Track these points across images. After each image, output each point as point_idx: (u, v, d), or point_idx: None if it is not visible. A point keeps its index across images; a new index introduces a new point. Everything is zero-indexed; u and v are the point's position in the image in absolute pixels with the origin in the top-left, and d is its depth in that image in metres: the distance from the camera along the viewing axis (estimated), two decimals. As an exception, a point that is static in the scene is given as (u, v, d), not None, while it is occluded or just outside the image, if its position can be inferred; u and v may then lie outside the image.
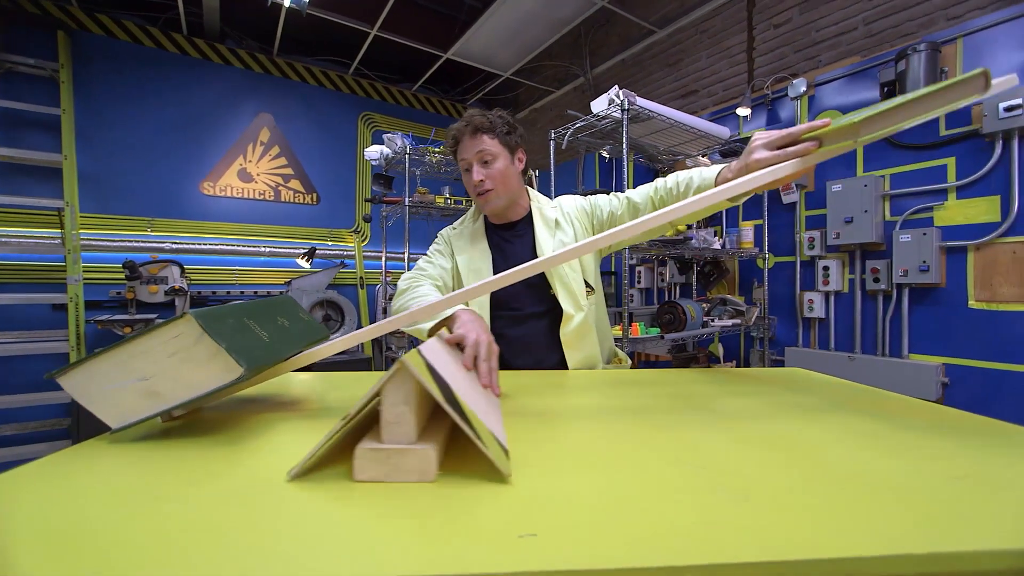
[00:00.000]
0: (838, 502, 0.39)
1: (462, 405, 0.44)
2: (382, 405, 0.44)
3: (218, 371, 0.54)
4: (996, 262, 1.86)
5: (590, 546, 0.32)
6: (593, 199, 1.19)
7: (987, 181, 1.88)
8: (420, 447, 0.44)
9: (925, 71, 1.95)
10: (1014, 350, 1.83)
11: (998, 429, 0.60)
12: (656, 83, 3.45)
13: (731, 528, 0.35)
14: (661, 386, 0.86)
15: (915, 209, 2.06)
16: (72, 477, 0.45)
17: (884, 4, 2.25)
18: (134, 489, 0.42)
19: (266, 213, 3.88)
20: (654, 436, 0.57)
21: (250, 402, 0.75)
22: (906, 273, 2.01)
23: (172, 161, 3.51)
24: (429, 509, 0.38)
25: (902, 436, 0.57)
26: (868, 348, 2.22)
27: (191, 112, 3.58)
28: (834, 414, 0.67)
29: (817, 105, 2.44)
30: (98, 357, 0.55)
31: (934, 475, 0.45)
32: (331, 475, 0.45)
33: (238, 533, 0.34)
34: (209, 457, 0.50)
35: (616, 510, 0.38)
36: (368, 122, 4.43)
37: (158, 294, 3.13)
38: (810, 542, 0.32)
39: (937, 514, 0.37)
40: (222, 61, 3.74)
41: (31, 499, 0.40)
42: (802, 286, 2.48)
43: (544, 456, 0.51)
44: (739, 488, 0.42)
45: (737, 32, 2.92)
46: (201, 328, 0.54)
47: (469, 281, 1.10)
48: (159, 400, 0.55)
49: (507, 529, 0.35)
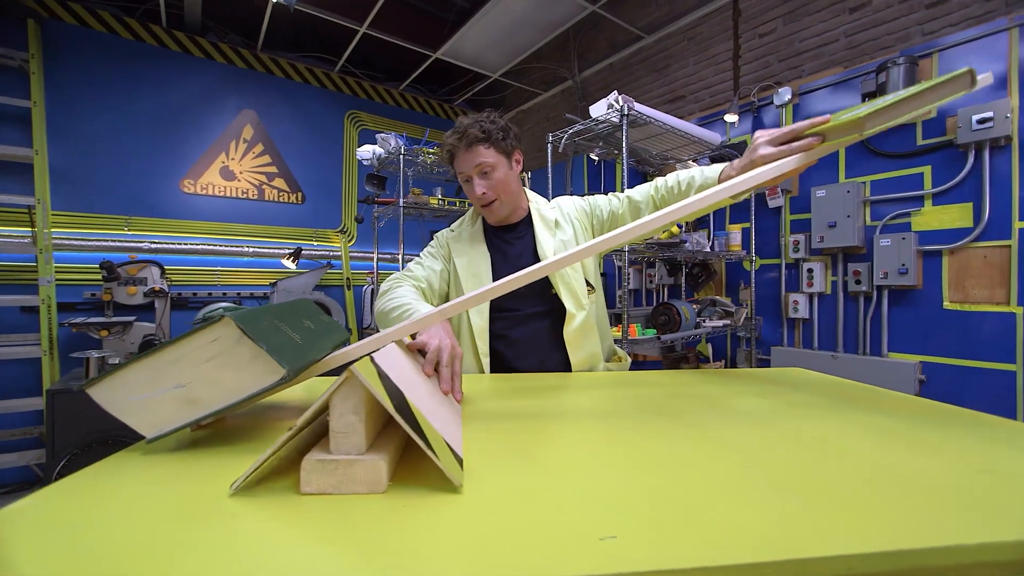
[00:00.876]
0: (880, 497, 0.41)
1: (416, 413, 0.44)
2: (330, 415, 0.43)
3: (260, 373, 0.53)
4: (969, 265, 1.97)
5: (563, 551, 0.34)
6: (592, 199, 1.20)
7: (961, 189, 1.98)
8: (369, 458, 0.43)
9: (904, 83, 2.04)
10: (984, 348, 1.93)
11: (1000, 423, 0.64)
12: (644, 88, 3.51)
13: (797, 524, 0.36)
14: (672, 387, 0.88)
15: (894, 215, 2.16)
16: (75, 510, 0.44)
17: (864, 18, 2.35)
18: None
19: (249, 212, 3.79)
20: (685, 435, 0.59)
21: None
22: (886, 275, 2.11)
23: (150, 158, 3.39)
24: (377, 521, 0.38)
25: (918, 433, 0.60)
26: (850, 347, 2.31)
27: (170, 107, 3.47)
28: (847, 412, 0.70)
29: (801, 113, 2.53)
30: (128, 367, 0.54)
31: (960, 469, 0.48)
32: (277, 488, 0.43)
33: (176, 552, 0.33)
34: (152, 479, 0.47)
35: (676, 510, 0.39)
36: (355, 121, 4.37)
37: (137, 295, 3.02)
38: (872, 536, 0.35)
39: (975, 506, 0.40)
40: (203, 55, 3.64)
41: (61, 523, 0.39)
42: (787, 288, 2.57)
43: (508, 463, 0.50)
44: (788, 485, 0.44)
45: (723, 40, 3.00)
46: (240, 330, 0.53)
47: (468, 284, 1.10)
48: (198, 406, 0.54)
49: (457, 539, 0.34)
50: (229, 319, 0.54)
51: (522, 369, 1.09)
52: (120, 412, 0.54)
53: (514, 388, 0.89)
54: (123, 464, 0.51)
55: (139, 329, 2.97)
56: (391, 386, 0.45)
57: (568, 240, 1.15)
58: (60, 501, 0.42)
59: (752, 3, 2.83)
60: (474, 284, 1.10)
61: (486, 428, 0.63)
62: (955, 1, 2.06)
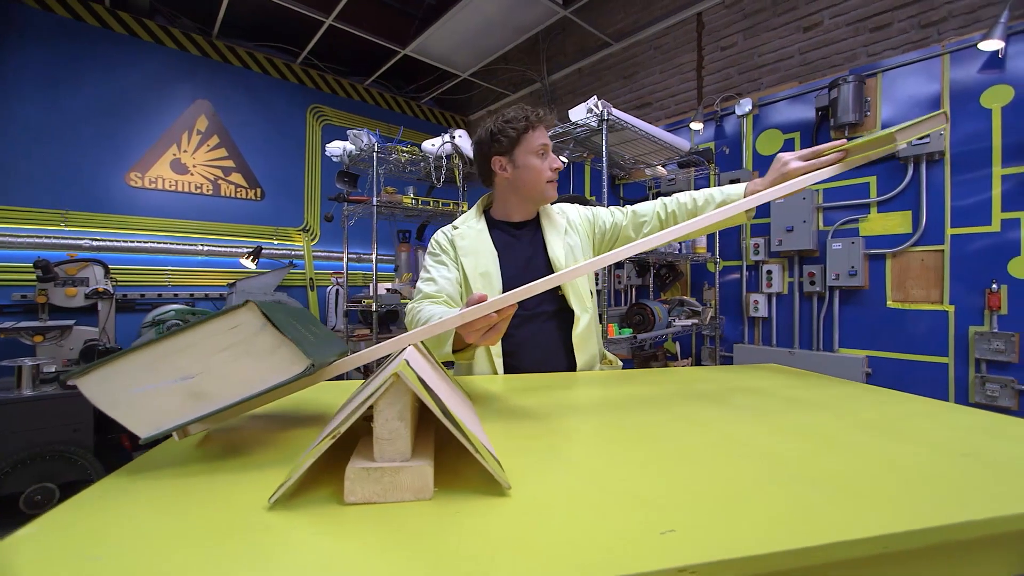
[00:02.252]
0: (885, 482, 0.45)
1: (455, 418, 0.43)
2: (376, 421, 0.42)
3: (282, 364, 0.50)
4: (909, 268, 2.16)
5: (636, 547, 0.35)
6: (593, 210, 1.24)
7: (902, 198, 2.17)
8: (416, 464, 0.42)
9: (853, 99, 2.21)
10: (921, 343, 2.13)
11: (965, 411, 0.71)
12: (612, 93, 3.60)
13: (832, 509, 0.39)
14: (670, 385, 0.92)
15: (844, 221, 2.33)
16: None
17: (816, 37, 2.52)
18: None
19: (203, 208, 3.57)
20: (699, 430, 0.62)
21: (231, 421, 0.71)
22: (838, 277, 2.28)
23: (92, 148, 3.13)
24: (430, 528, 0.37)
25: (900, 423, 0.66)
26: (805, 344, 2.47)
27: (115, 94, 3.22)
28: (833, 405, 0.76)
29: (761, 123, 2.68)
30: (126, 356, 0.49)
31: (944, 454, 0.53)
32: (317, 499, 0.42)
33: (217, 572, 0.31)
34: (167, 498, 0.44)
35: (691, 504, 0.41)
36: (318, 115, 4.22)
37: (77, 297, 2.77)
38: (900, 517, 0.38)
39: (963, 486, 0.44)
40: (152, 39, 3.40)
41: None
42: (748, 288, 2.71)
43: (543, 463, 0.51)
44: (806, 475, 0.47)
45: (688, 51, 3.13)
46: (265, 318, 0.50)
47: (477, 284, 1.10)
48: (205, 401, 0.49)
49: (516, 541, 0.34)
50: (253, 304, 0.50)
51: (526, 368, 1.09)
52: (111, 407, 0.48)
53: (526, 388, 0.90)
54: (126, 486, 0.46)
55: (79, 334, 2.73)
56: (432, 391, 0.45)
57: (576, 246, 1.17)
58: (69, 528, 0.38)
59: (715, 17, 2.97)
60: (483, 283, 1.10)
61: (508, 429, 0.64)
62: (896, 27, 2.26)
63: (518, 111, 1.12)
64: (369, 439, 0.44)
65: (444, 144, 2.60)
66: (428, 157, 2.64)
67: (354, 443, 0.48)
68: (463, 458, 0.50)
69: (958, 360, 2.03)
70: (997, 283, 1.92)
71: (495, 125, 1.13)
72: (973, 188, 2.00)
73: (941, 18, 2.12)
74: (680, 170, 2.81)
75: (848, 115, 2.23)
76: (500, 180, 1.17)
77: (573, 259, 1.16)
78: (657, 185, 3.07)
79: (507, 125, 1.12)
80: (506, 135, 1.11)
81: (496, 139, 1.13)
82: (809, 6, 2.54)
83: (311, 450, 0.42)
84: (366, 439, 0.47)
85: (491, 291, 1.09)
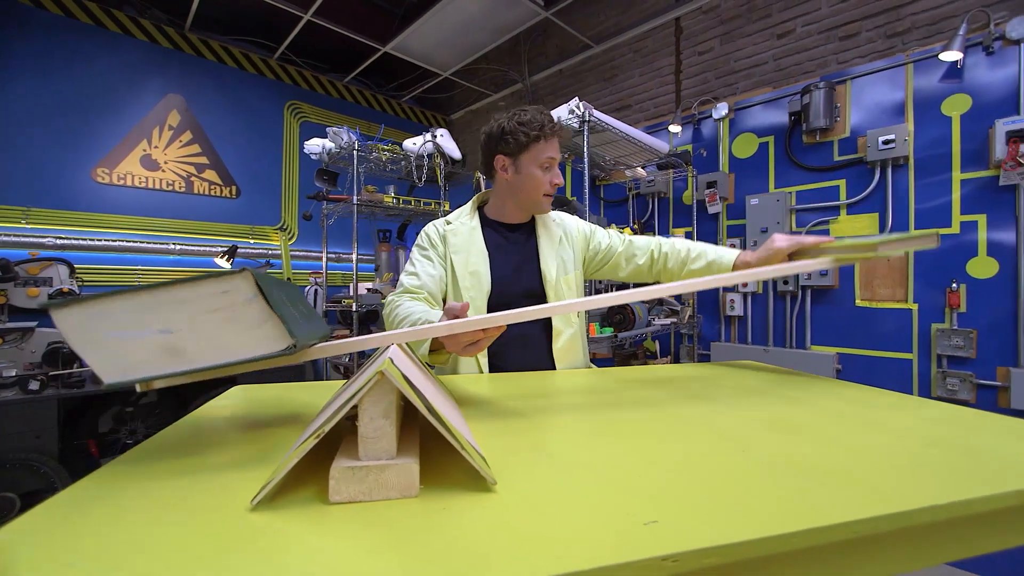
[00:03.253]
0: (858, 470, 0.48)
1: (440, 415, 0.43)
2: (360, 419, 0.42)
3: (265, 339, 0.49)
4: (875, 268, 2.24)
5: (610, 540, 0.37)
6: (591, 227, 1.24)
7: (869, 201, 2.26)
8: (402, 461, 0.42)
9: (824, 105, 2.29)
10: (887, 340, 2.22)
11: (928, 404, 0.75)
12: (592, 95, 3.64)
13: (807, 497, 0.41)
14: (648, 382, 0.94)
15: (815, 222, 2.41)
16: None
17: (789, 44, 2.60)
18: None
19: (176, 206, 3.47)
20: (680, 425, 0.64)
21: (204, 417, 0.70)
22: (809, 277, 2.35)
23: (56, 143, 3.00)
24: (417, 526, 0.37)
25: (869, 413, 0.69)
26: (779, 341, 2.55)
27: (81, 87, 3.09)
28: (807, 400, 0.79)
29: (736, 127, 2.75)
30: (112, 298, 0.47)
31: (910, 443, 0.56)
32: (300, 499, 0.41)
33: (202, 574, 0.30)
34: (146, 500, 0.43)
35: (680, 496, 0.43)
36: (295, 112, 4.14)
37: (40, 297, 2.66)
38: (871, 503, 0.40)
39: (932, 472, 0.47)
40: (120, 30, 3.28)
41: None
42: (724, 288, 2.78)
43: (528, 459, 0.51)
44: (784, 464, 0.49)
45: (666, 55, 3.18)
46: (258, 289, 0.48)
47: (466, 282, 1.09)
48: (180, 359, 0.48)
49: (505, 536, 0.35)
50: (249, 272, 0.49)
51: (511, 369, 1.09)
52: (82, 346, 0.46)
53: (511, 386, 0.90)
54: (100, 491, 0.45)
55: (42, 336, 2.62)
56: (416, 389, 0.45)
57: (568, 259, 1.17)
58: (43, 535, 0.37)
59: (693, 22, 3.04)
60: (472, 282, 1.09)
61: (493, 426, 0.64)
62: (863, 36, 2.35)
63: (536, 115, 1.08)
64: (354, 438, 0.44)
65: (426, 143, 2.59)
66: (409, 156, 2.63)
67: (338, 443, 0.48)
68: (449, 455, 0.50)
69: (921, 356, 2.12)
70: (957, 282, 2.02)
71: (508, 124, 1.08)
72: (935, 192, 2.09)
73: (905, 29, 2.21)
74: (659, 172, 2.86)
75: (819, 120, 2.30)
76: (500, 179, 1.14)
77: (564, 272, 1.15)
78: (637, 186, 3.11)
79: (520, 128, 1.08)
80: (516, 138, 1.07)
81: (505, 138, 1.08)
82: (782, 14, 2.62)
83: (295, 449, 0.42)
84: (351, 438, 0.47)
85: (479, 291, 1.09)
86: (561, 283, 1.14)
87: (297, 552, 0.33)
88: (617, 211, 3.34)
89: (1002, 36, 1.92)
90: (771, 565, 0.36)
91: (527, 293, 1.11)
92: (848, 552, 0.38)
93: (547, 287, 1.12)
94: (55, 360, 2.44)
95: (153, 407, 2.96)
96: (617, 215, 3.32)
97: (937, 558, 0.42)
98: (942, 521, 0.40)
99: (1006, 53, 1.93)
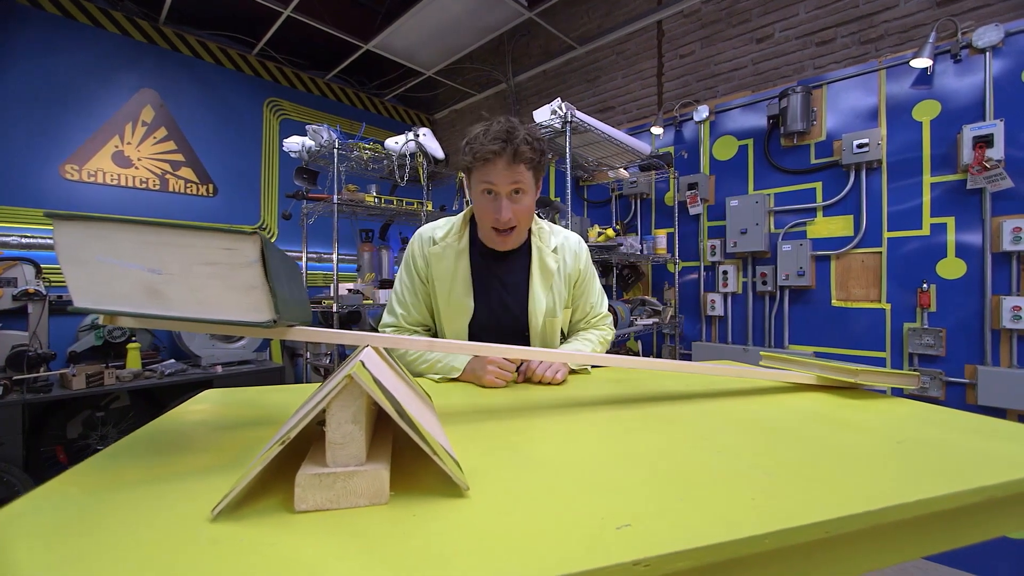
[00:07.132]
0: (831, 470, 0.48)
1: (412, 419, 0.42)
2: (328, 424, 0.41)
3: (248, 306, 0.48)
4: (851, 268, 2.30)
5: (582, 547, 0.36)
6: (590, 273, 1.16)
7: (844, 203, 2.31)
8: (371, 467, 0.41)
9: (801, 109, 2.34)
10: (862, 338, 2.27)
11: (899, 402, 0.76)
12: (576, 96, 3.65)
13: (779, 498, 0.41)
14: (626, 382, 0.94)
15: (793, 224, 2.46)
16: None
17: (768, 49, 2.65)
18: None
19: (150, 205, 3.36)
20: (654, 426, 0.64)
21: (167, 422, 0.68)
22: (788, 277, 2.40)
23: (20, 137, 2.88)
24: (386, 534, 0.36)
25: (844, 414, 0.70)
26: (758, 341, 2.59)
27: (48, 80, 2.97)
28: (784, 399, 0.80)
29: (717, 130, 2.79)
30: (118, 224, 0.46)
31: (881, 441, 0.57)
32: (264, 508, 0.40)
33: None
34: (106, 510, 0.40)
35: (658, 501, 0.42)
36: (275, 109, 4.06)
37: (4, 299, 2.55)
38: (843, 501, 0.40)
39: (900, 470, 0.48)
40: (90, 22, 3.17)
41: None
42: (705, 288, 2.81)
43: (504, 462, 0.51)
44: (758, 465, 0.49)
45: (649, 57, 3.21)
46: (261, 257, 0.47)
47: (448, 312, 1.05)
48: (159, 302, 0.47)
49: (475, 542, 0.34)
50: (259, 238, 0.48)
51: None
52: (68, 261, 0.45)
53: (490, 389, 0.89)
54: (57, 499, 0.43)
55: (6, 338, 2.52)
56: (388, 392, 0.44)
57: (558, 296, 1.09)
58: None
59: (674, 26, 3.07)
60: (455, 313, 1.05)
61: (470, 429, 0.63)
62: (838, 42, 2.40)
63: (488, 131, 0.92)
64: (322, 444, 0.43)
65: (408, 142, 2.56)
66: (391, 155, 2.59)
67: (308, 448, 0.47)
68: (422, 460, 0.49)
69: (894, 354, 2.18)
70: (927, 283, 2.08)
71: (470, 136, 0.95)
72: (906, 194, 2.15)
73: (879, 36, 2.27)
74: (641, 173, 2.88)
75: (797, 124, 2.35)
76: None
77: (552, 314, 1.08)
78: (619, 187, 3.13)
79: (466, 145, 0.95)
80: (465, 156, 0.95)
81: (463, 152, 0.96)
82: (761, 19, 2.66)
83: (259, 457, 0.40)
84: (319, 444, 0.46)
85: (461, 323, 1.06)
86: (547, 326, 1.08)
87: (257, 563, 0.32)
88: (600, 212, 3.36)
89: (969, 44, 1.99)
90: (744, 567, 0.36)
91: (511, 332, 1.06)
92: (820, 551, 0.38)
93: (532, 331, 1.06)
94: (19, 364, 2.35)
95: (126, 411, 2.87)
96: (600, 216, 3.34)
97: (908, 554, 0.42)
98: (911, 519, 0.40)
99: (973, 61, 2.00)
